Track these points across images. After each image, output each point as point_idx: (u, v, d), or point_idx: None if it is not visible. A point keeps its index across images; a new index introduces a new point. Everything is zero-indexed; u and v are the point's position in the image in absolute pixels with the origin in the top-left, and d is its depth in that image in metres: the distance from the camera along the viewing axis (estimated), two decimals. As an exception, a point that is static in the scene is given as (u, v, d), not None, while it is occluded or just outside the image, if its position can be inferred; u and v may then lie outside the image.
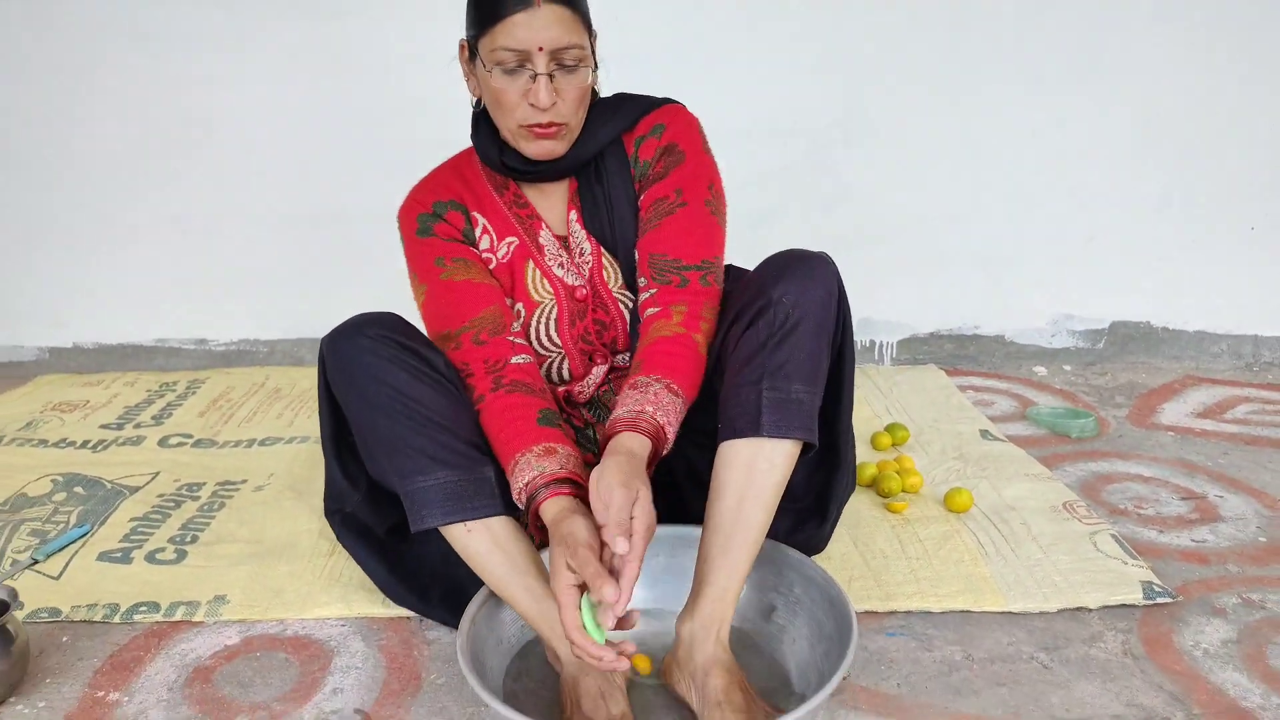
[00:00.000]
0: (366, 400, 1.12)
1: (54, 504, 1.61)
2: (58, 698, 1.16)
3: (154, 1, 2.09)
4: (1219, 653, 1.25)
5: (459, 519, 1.09)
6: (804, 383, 1.10)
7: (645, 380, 1.13)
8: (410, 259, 1.28)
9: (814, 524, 1.34)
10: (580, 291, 1.29)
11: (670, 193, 1.25)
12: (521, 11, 1.10)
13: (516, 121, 1.18)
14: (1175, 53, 2.23)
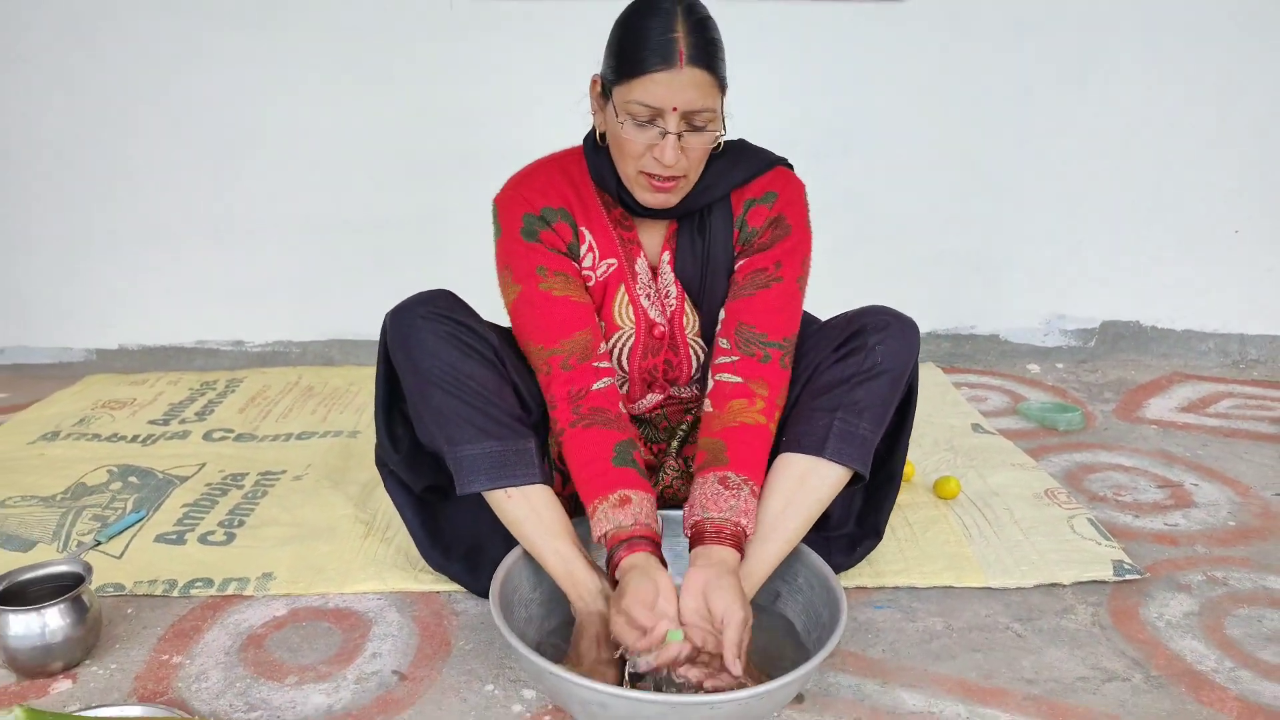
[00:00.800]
0: (421, 373, 1.24)
1: (111, 492, 1.75)
2: (127, 660, 1.29)
3: (204, 24, 2.24)
4: (1180, 623, 1.36)
5: (502, 485, 1.21)
6: (871, 423, 1.25)
7: (736, 480, 1.20)
8: (507, 255, 1.32)
9: (870, 544, 1.47)
10: (659, 329, 1.37)
11: (770, 265, 1.32)
12: (664, 71, 1.13)
13: (637, 169, 1.22)
14: (1160, 64, 2.34)
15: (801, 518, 1.24)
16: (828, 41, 2.32)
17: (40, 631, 1.23)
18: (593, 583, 1.21)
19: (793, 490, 1.24)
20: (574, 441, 1.25)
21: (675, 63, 1.14)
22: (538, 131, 2.33)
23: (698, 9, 1.19)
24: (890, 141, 2.40)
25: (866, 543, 1.46)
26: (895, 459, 1.43)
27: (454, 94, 2.31)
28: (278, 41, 2.26)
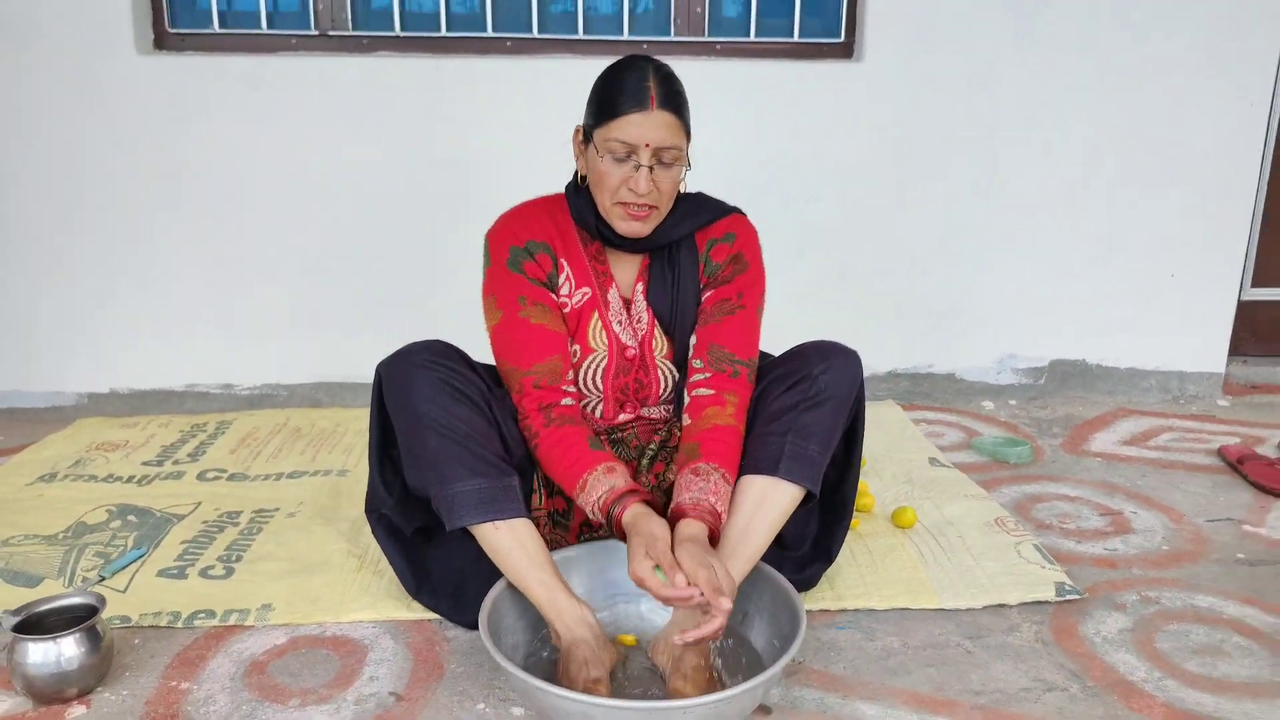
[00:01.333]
0: (417, 417, 1.34)
1: (111, 530, 1.83)
2: (137, 687, 1.37)
3: (199, 78, 2.35)
4: (1115, 639, 1.49)
5: (490, 518, 1.32)
6: (819, 445, 1.39)
7: (706, 468, 1.35)
8: (493, 282, 1.46)
9: (821, 565, 1.59)
10: (630, 351, 1.51)
11: (734, 295, 1.49)
12: (637, 112, 1.34)
13: (614, 200, 1.39)
14: (1102, 124, 2.53)
15: (763, 533, 1.36)
16: (792, 97, 2.47)
17: (56, 659, 1.31)
18: (574, 610, 1.31)
19: (753, 509, 1.37)
20: (550, 439, 1.38)
21: (648, 106, 1.34)
22: (516, 179, 2.48)
23: (664, 68, 1.40)
24: (852, 191, 2.55)
25: (818, 564, 1.58)
26: (846, 487, 1.56)
27: (438, 144, 2.44)
28: (269, 95, 2.38)
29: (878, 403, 2.65)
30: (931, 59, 2.46)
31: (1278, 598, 1.61)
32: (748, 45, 2.51)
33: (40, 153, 2.37)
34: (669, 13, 2.49)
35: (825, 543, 1.59)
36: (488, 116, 2.42)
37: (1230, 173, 2.57)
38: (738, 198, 1.92)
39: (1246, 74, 2.50)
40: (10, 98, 2.33)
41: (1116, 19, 2.45)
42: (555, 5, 2.51)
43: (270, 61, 2.37)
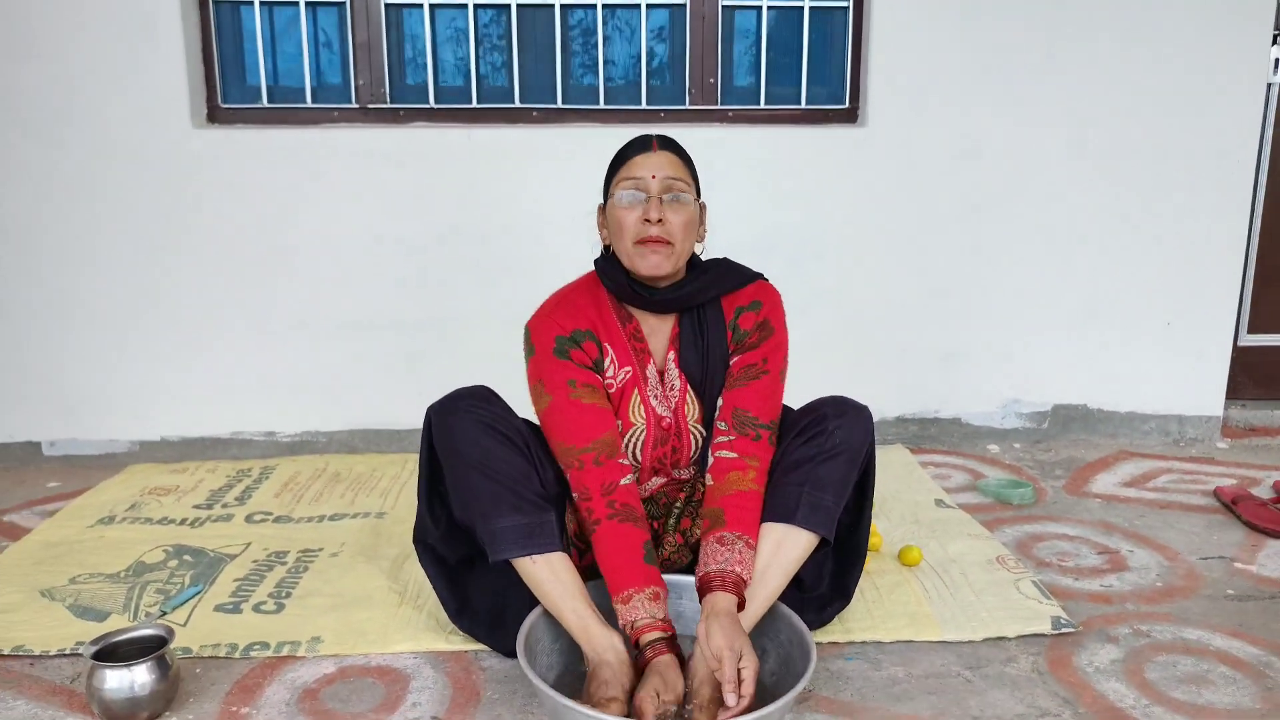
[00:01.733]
0: (464, 459, 1.48)
1: (169, 569, 1.97)
2: (201, 712, 1.50)
3: (242, 157, 2.54)
4: (1107, 669, 1.59)
5: (529, 552, 1.45)
6: (834, 496, 1.52)
7: (730, 537, 1.46)
8: (540, 369, 1.57)
9: (839, 605, 1.70)
10: (665, 421, 1.63)
11: (759, 360, 1.61)
12: (642, 154, 1.54)
13: (633, 239, 1.52)
14: (1091, 180, 2.67)
15: (780, 575, 1.49)
16: (799, 160, 2.64)
17: (130, 685, 1.44)
18: (604, 637, 1.44)
19: (771, 553, 1.49)
20: (611, 532, 1.47)
21: (650, 148, 1.55)
22: (542, 242, 2.66)
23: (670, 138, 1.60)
24: (858, 247, 2.70)
25: (836, 604, 1.69)
26: (860, 532, 1.68)
27: (468, 209, 2.61)
28: (312, 165, 2.57)
29: (887, 446, 2.77)
30: (930, 125, 2.62)
31: (1263, 631, 1.71)
32: (758, 112, 2.69)
33: (105, 222, 2.56)
34: (684, 83, 2.67)
35: (842, 583, 1.71)
36: (515, 182, 2.59)
37: (1218, 230, 2.70)
38: (749, 254, 2.08)
39: (1229, 139, 2.65)
40: (81, 177, 2.53)
41: (1103, 90, 2.61)
42: (578, 78, 2.70)
43: (313, 134, 2.57)
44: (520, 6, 2.63)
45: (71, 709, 1.50)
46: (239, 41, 2.63)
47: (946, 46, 2.58)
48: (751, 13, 2.68)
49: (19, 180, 2.52)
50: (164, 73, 2.48)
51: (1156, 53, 2.60)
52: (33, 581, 1.90)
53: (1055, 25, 2.58)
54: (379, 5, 2.58)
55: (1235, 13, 2.58)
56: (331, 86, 2.66)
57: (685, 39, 2.65)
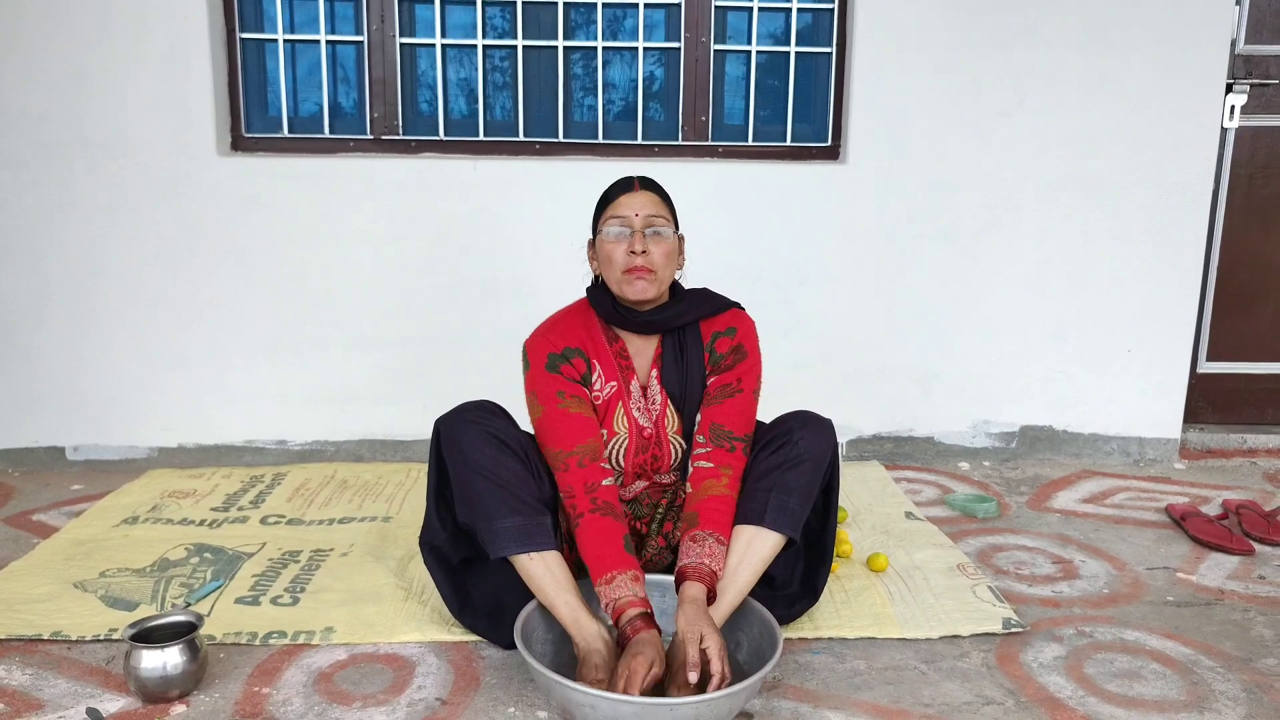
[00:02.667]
0: (469, 464, 1.64)
1: (191, 565, 2.12)
2: (227, 691, 1.65)
3: (262, 183, 2.72)
4: (1049, 664, 1.75)
5: (526, 550, 1.61)
6: (799, 499, 1.69)
7: (703, 535, 1.62)
8: (534, 383, 1.74)
9: (807, 602, 1.87)
10: (647, 432, 1.80)
11: (734, 380, 1.78)
12: (625, 194, 1.73)
13: (620, 269, 1.70)
14: (1058, 214, 2.85)
15: (750, 572, 1.65)
16: (784, 193, 2.82)
17: (163, 665, 1.59)
18: (593, 627, 1.59)
19: (742, 552, 1.66)
20: (592, 525, 1.64)
21: (632, 189, 1.74)
22: (542, 266, 2.84)
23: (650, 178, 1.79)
24: (838, 275, 2.87)
25: (805, 600, 1.86)
26: (827, 534, 1.85)
27: (474, 235, 2.79)
28: (328, 191, 2.74)
29: (863, 463, 2.93)
30: (907, 161, 2.80)
31: (1195, 633, 1.87)
32: (746, 149, 2.87)
33: (131, 240, 2.73)
34: (677, 120, 2.86)
35: (811, 582, 1.87)
36: (518, 209, 2.77)
37: (1177, 263, 2.88)
38: (736, 281, 2.27)
39: (1188, 178, 2.83)
40: (112, 197, 2.70)
41: (1070, 131, 2.80)
42: (579, 113, 2.89)
43: (330, 162, 2.74)
44: (526, 47, 2.81)
45: (108, 687, 1.65)
46: (262, 75, 2.82)
47: (923, 89, 2.77)
48: (741, 56, 2.87)
49: (54, 199, 2.69)
50: (193, 103, 2.66)
51: (1120, 98, 2.78)
52: (65, 575, 2.06)
53: (1025, 71, 2.77)
54: (394, 44, 2.76)
55: (1193, 63, 2.77)
56: (348, 118, 2.84)
57: (679, 79, 2.83)
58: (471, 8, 2.80)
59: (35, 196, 2.68)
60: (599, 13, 2.81)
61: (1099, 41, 2.76)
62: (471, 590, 1.81)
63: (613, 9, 2.84)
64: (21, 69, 2.61)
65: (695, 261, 1.91)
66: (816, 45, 2.87)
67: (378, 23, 2.75)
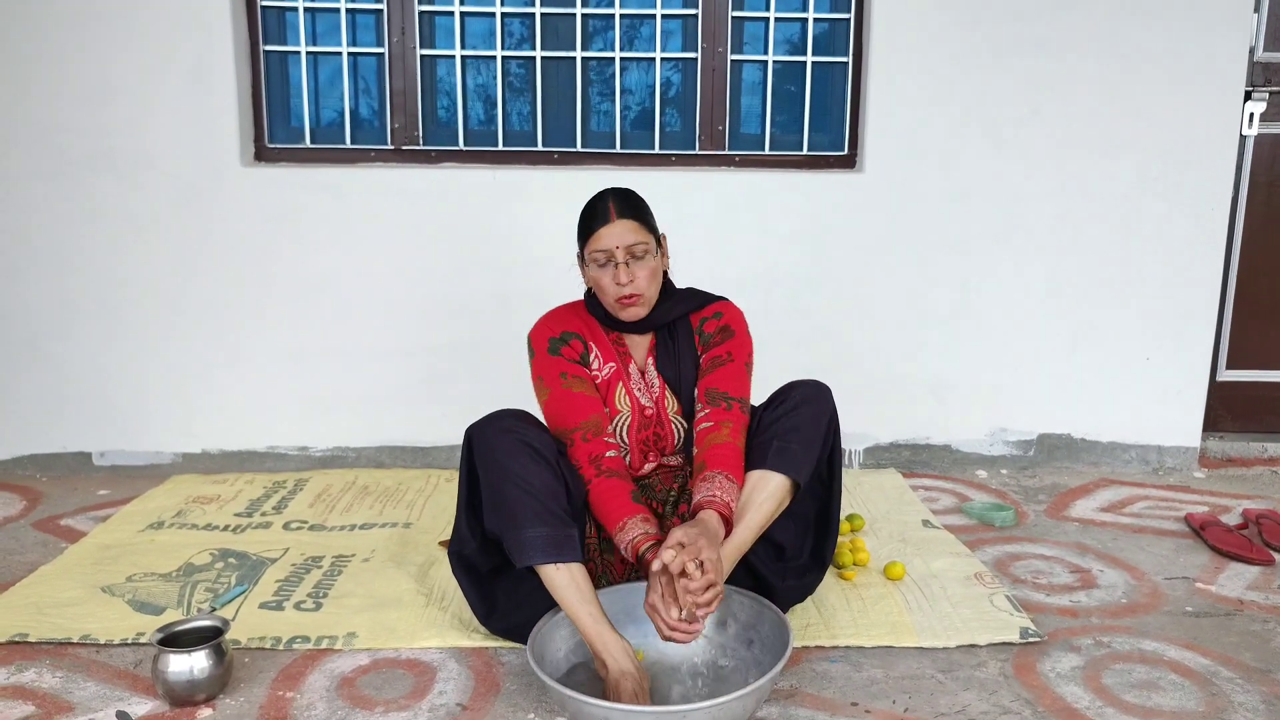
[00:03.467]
0: (500, 472, 1.66)
1: (216, 570, 2.16)
2: (251, 695, 1.68)
3: (285, 193, 2.76)
4: (1068, 675, 1.75)
5: (553, 560, 1.62)
6: (800, 445, 1.75)
7: (711, 474, 1.68)
8: (539, 368, 1.84)
9: (815, 574, 1.93)
10: (648, 410, 1.88)
11: (724, 353, 1.86)
12: (604, 226, 1.76)
13: (611, 298, 1.80)
14: (1074, 222, 2.85)
15: (762, 512, 1.70)
16: (800, 202, 2.83)
17: (190, 670, 1.62)
18: (617, 643, 1.60)
19: (750, 492, 1.71)
20: (600, 487, 1.70)
21: (609, 219, 1.77)
22: (559, 275, 2.85)
23: (622, 191, 1.83)
24: (854, 283, 2.88)
25: (814, 573, 1.91)
26: (832, 505, 1.91)
27: (493, 244, 2.81)
28: (349, 201, 2.78)
29: (880, 470, 2.94)
30: (923, 169, 2.81)
31: (1214, 644, 1.87)
32: (763, 158, 2.89)
33: (156, 249, 2.77)
34: (694, 130, 2.88)
35: (819, 554, 1.93)
36: (536, 218, 2.79)
37: (1196, 271, 2.87)
38: (751, 289, 2.29)
39: (1206, 186, 2.83)
40: (138, 207, 2.75)
41: (1085, 140, 2.80)
42: (596, 123, 2.91)
43: (351, 172, 2.78)
44: (545, 58, 2.84)
45: (136, 690, 1.68)
46: (285, 86, 2.86)
47: (938, 98, 2.78)
48: (758, 66, 2.89)
49: (82, 209, 2.74)
50: (217, 115, 2.70)
51: (1135, 106, 2.78)
52: (93, 579, 2.10)
53: (1040, 80, 2.77)
54: (415, 55, 2.80)
55: (1210, 71, 2.76)
56: (369, 128, 2.88)
57: (696, 89, 2.85)
58: (490, 19, 2.83)
59: (64, 207, 2.74)
60: (616, 23, 2.83)
61: (1115, 50, 2.76)
62: (499, 598, 1.83)
63: (630, 19, 2.87)
64: (51, 82, 2.67)
65: (710, 270, 1.94)
66: (833, 55, 2.88)
67: (398, 34, 2.79)
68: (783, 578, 1.73)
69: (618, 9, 2.82)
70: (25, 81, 2.66)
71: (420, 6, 2.79)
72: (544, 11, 2.81)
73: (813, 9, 2.84)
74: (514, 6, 2.83)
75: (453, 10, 2.81)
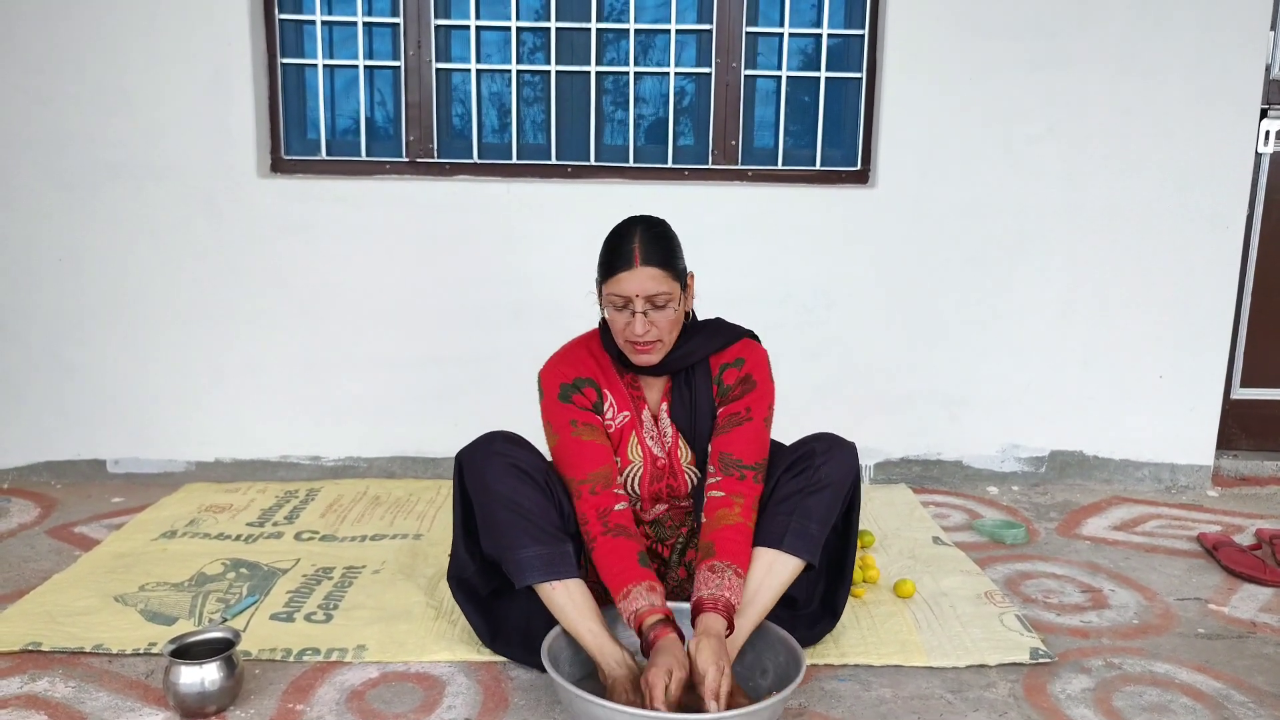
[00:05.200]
0: (491, 496, 1.67)
1: (228, 580, 2.17)
2: (261, 707, 1.69)
3: (301, 205, 2.78)
4: (1078, 697, 1.74)
5: (549, 579, 1.64)
6: (819, 524, 1.71)
7: (721, 566, 1.61)
8: (548, 412, 1.78)
9: (828, 623, 1.88)
10: (660, 461, 1.83)
11: (743, 409, 1.78)
12: (626, 271, 1.65)
13: (624, 339, 1.72)
14: (1088, 239, 2.85)
15: (769, 595, 1.67)
16: (813, 217, 2.83)
17: (201, 681, 1.63)
18: (616, 653, 1.62)
19: (762, 576, 1.68)
20: (606, 546, 1.67)
21: (633, 264, 1.65)
22: (572, 289, 2.86)
23: (654, 223, 1.73)
24: (867, 298, 2.88)
25: (826, 621, 1.87)
26: (846, 555, 1.87)
27: (506, 257, 2.83)
28: (364, 213, 2.79)
29: (891, 486, 2.93)
30: (936, 185, 2.81)
31: (1227, 667, 1.86)
32: (776, 172, 2.89)
33: (171, 259, 2.80)
34: (707, 144, 2.89)
35: (831, 602, 1.89)
36: (549, 232, 2.80)
37: (1209, 289, 2.86)
38: (763, 304, 2.29)
39: (1221, 202, 2.82)
40: (153, 218, 2.77)
41: (1100, 156, 2.80)
42: (610, 137, 2.93)
43: (366, 184, 2.80)
44: (559, 72, 2.86)
45: (148, 701, 1.69)
46: (301, 98, 2.88)
47: (952, 114, 2.78)
48: (772, 81, 2.90)
49: (100, 219, 2.77)
50: (234, 127, 2.73)
51: (1151, 123, 2.78)
52: (106, 588, 2.11)
53: (1055, 97, 2.77)
54: (430, 68, 2.82)
55: (1226, 89, 2.76)
56: (384, 140, 2.90)
57: (710, 103, 2.86)
58: (506, 33, 2.85)
59: (84, 217, 2.76)
60: (631, 38, 2.85)
61: (1131, 67, 2.75)
62: (502, 619, 1.83)
63: (644, 34, 2.88)
64: (71, 92, 2.69)
65: (723, 284, 1.93)
66: (847, 70, 2.89)
67: (415, 48, 2.81)
68: (793, 628, 1.69)
69: (632, 24, 2.83)
70: (46, 91, 2.69)
71: (436, 20, 2.81)
72: (559, 26, 2.83)
73: (827, 25, 2.85)
74: (529, 21, 2.84)
75: (469, 24, 2.83)
